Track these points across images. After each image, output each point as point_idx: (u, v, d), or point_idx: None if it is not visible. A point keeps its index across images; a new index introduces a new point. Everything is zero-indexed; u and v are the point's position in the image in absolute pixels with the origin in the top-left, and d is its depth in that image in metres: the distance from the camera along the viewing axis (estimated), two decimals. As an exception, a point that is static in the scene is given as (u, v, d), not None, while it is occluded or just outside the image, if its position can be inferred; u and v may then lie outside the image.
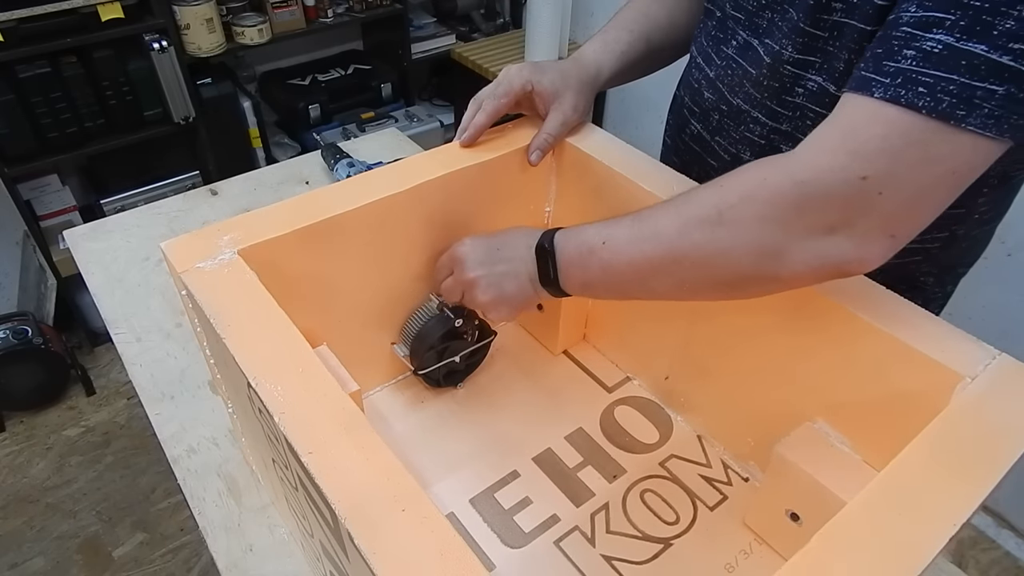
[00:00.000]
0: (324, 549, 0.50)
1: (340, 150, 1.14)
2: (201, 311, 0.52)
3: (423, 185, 0.65)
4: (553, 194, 0.77)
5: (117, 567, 1.51)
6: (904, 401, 0.51)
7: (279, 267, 0.58)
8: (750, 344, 0.63)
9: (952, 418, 0.45)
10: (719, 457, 0.72)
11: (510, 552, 0.64)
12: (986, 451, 0.43)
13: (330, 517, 0.41)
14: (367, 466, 0.41)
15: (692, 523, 0.66)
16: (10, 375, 1.73)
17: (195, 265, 0.54)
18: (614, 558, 0.63)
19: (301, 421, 0.43)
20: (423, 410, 0.76)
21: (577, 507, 0.67)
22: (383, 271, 0.69)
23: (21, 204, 1.72)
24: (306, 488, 0.45)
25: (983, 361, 0.48)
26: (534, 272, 0.61)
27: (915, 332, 0.51)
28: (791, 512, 0.59)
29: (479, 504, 0.68)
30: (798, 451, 0.57)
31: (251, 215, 0.60)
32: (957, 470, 0.42)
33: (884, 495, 0.41)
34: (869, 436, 0.56)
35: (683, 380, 0.73)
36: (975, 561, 1.57)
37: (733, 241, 0.49)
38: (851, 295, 0.53)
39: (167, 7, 1.70)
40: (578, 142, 0.71)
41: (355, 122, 2.12)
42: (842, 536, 0.39)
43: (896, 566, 0.37)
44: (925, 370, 0.49)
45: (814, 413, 0.59)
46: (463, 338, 0.74)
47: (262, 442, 0.56)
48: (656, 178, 0.66)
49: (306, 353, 0.47)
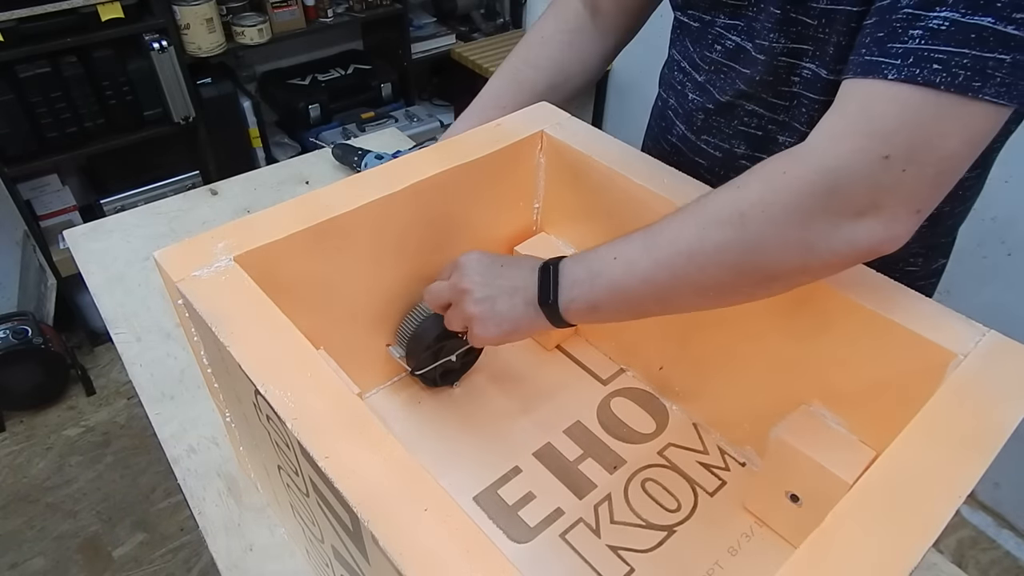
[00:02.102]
0: (337, 553, 0.49)
1: (355, 148, 1.14)
2: (200, 320, 0.51)
3: (417, 184, 0.65)
4: (540, 191, 0.77)
5: (117, 567, 1.51)
6: (898, 380, 0.52)
7: (275, 272, 0.58)
8: (742, 330, 0.63)
9: (948, 396, 0.46)
10: (715, 443, 0.73)
11: (517, 547, 0.64)
12: (984, 425, 0.44)
13: (349, 521, 0.41)
14: (385, 467, 0.41)
15: (693, 509, 0.67)
16: (10, 375, 1.73)
17: (191, 274, 0.53)
18: (620, 548, 0.64)
19: (314, 426, 0.43)
20: (420, 410, 0.76)
21: (580, 499, 0.68)
22: (378, 273, 0.69)
23: (21, 204, 1.72)
24: (320, 493, 0.44)
25: (973, 338, 0.49)
26: (534, 293, 0.57)
27: (906, 312, 0.51)
28: (791, 494, 0.60)
29: (483, 501, 0.68)
30: (796, 434, 0.57)
31: (244, 221, 0.59)
32: (957, 445, 0.43)
33: (889, 475, 0.41)
34: (865, 416, 0.56)
35: (677, 369, 0.74)
36: (975, 561, 1.57)
37: (759, 237, 0.48)
38: (841, 278, 0.53)
39: (167, 7, 1.70)
40: (567, 139, 0.71)
41: (355, 122, 2.12)
42: (852, 517, 0.40)
43: (907, 541, 0.38)
44: (918, 349, 0.50)
45: (808, 396, 0.60)
46: (458, 337, 0.74)
47: (266, 450, 0.55)
48: (648, 173, 0.66)
49: (312, 357, 0.47)
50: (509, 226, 0.78)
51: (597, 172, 0.69)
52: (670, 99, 0.76)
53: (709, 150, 0.71)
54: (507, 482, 0.69)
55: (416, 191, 0.65)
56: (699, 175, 0.70)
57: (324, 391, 0.45)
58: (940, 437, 0.43)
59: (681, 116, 0.73)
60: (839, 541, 0.39)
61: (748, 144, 0.68)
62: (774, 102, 0.63)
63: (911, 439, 0.43)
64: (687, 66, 0.71)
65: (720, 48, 0.66)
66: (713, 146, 0.71)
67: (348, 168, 1.14)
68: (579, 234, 0.76)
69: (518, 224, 0.79)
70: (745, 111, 0.66)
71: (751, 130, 0.67)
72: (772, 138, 0.66)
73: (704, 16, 0.66)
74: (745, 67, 0.64)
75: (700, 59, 0.69)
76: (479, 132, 0.71)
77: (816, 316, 0.56)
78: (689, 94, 0.71)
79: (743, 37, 0.63)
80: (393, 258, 0.69)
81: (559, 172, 0.74)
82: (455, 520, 0.38)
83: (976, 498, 1.65)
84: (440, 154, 0.68)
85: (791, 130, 0.64)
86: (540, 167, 0.75)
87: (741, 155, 0.69)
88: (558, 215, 0.78)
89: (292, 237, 0.59)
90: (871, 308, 0.52)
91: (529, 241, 0.79)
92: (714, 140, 0.70)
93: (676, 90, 0.74)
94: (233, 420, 0.64)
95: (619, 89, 2.32)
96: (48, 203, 1.85)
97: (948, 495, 0.40)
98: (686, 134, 0.73)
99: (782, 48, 0.60)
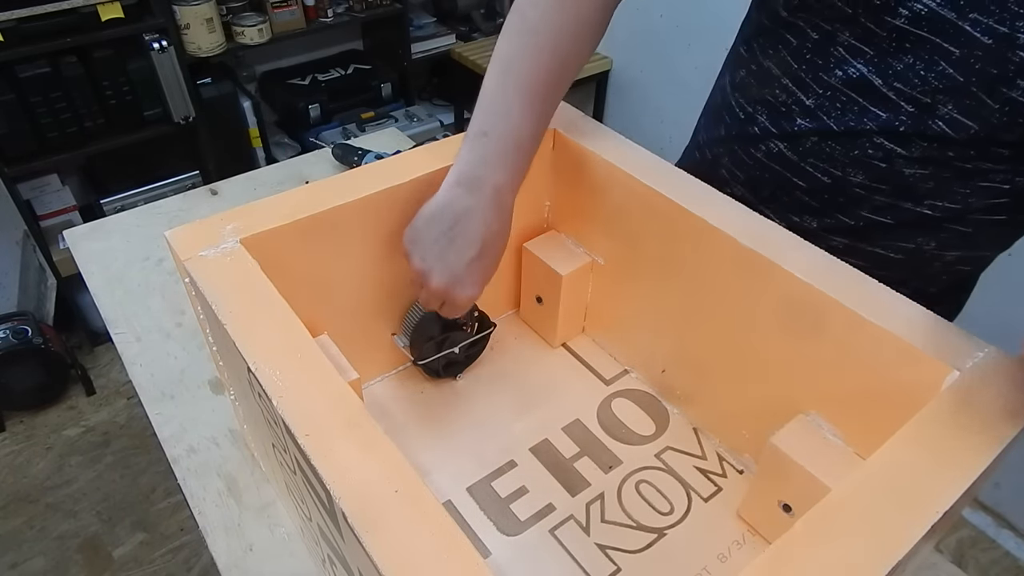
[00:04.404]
0: (322, 532, 0.51)
1: (355, 147, 1.14)
2: (203, 298, 0.53)
3: (423, 177, 0.65)
4: (551, 189, 0.77)
5: (117, 567, 1.51)
6: (895, 393, 0.52)
7: (282, 257, 0.59)
8: (745, 338, 0.63)
9: (939, 408, 0.46)
10: (715, 450, 0.72)
11: (506, 539, 0.65)
12: (972, 440, 0.43)
13: (326, 498, 0.42)
14: (362, 450, 0.42)
15: (686, 514, 0.67)
16: (10, 375, 1.73)
17: (198, 253, 0.55)
18: (608, 547, 0.64)
19: (298, 404, 0.44)
20: (423, 400, 0.77)
21: (572, 497, 0.68)
22: (384, 262, 0.69)
23: (21, 204, 1.72)
24: (303, 471, 0.45)
25: (973, 354, 0.49)
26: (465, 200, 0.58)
27: (907, 325, 0.51)
28: (783, 503, 0.59)
29: (476, 492, 0.68)
30: (790, 443, 0.57)
31: (255, 205, 0.61)
32: (942, 458, 0.42)
33: (869, 482, 0.41)
34: (861, 428, 0.56)
35: (680, 373, 0.74)
36: (975, 561, 1.57)
37: None
38: (844, 290, 0.54)
39: (167, 7, 1.70)
40: (578, 138, 0.71)
41: (355, 122, 2.13)
42: (826, 521, 0.39)
43: (878, 551, 0.38)
44: (915, 362, 0.50)
45: (808, 406, 0.59)
46: (462, 329, 0.74)
47: (262, 428, 0.56)
48: (658, 174, 0.66)
49: (305, 340, 0.48)
50: (520, 222, 0.78)
51: (607, 172, 0.69)
52: (759, 115, 0.67)
53: (816, 174, 0.64)
54: (501, 475, 0.69)
55: (424, 183, 0.65)
56: (794, 196, 0.66)
57: (313, 373, 0.46)
58: (925, 449, 0.43)
59: (777, 136, 0.65)
60: (807, 545, 0.38)
61: (868, 174, 0.61)
62: (914, 140, 0.57)
63: (895, 449, 0.43)
64: (791, 84, 0.63)
65: (840, 74, 0.59)
66: (822, 171, 0.63)
67: (348, 168, 1.14)
68: (589, 233, 0.76)
69: (529, 221, 0.79)
70: (872, 144, 0.59)
71: (875, 162, 0.60)
72: (898, 171, 0.59)
73: (824, 25, 0.58)
74: (880, 108, 0.57)
75: (813, 80, 0.61)
76: None
77: (815, 325, 0.56)
78: (797, 119, 0.63)
79: (875, 72, 0.57)
80: (401, 249, 0.69)
81: (570, 171, 0.74)
82: (425, 503, 0.39)
83: (976, 498, 1.65)
84: (449, 148, 0.68)
85: (923, 162, 0.58)
86: (551, 164, 0.75)
87: (857, 184, 0.62)
88: (569, 214, 0.78)
89: (299, 223, 0.60)
90: (872, 320, 0.52)
91: (539, 238, 0.79)
92: (823, 165, 0.63)
93: (777, 111, 0.64)
94: (237, 398, 0.65)
95: (619, 89, 2.32)
96: (48, 203, 1.85)
97: (925, 508, 0.40)
98: (785, 153, 0.65)
99: (968, 134, 0.54)
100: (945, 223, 0.62)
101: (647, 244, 0.68)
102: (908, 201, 0.61)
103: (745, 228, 0.59)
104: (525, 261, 0.80)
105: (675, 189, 0.64)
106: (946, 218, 0.62)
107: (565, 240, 0.79)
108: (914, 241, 0.64)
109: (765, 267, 0.57)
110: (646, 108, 2.24)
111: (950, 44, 0.53)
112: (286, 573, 0.63)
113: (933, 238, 0.64)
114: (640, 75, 2.22)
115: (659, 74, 2.14)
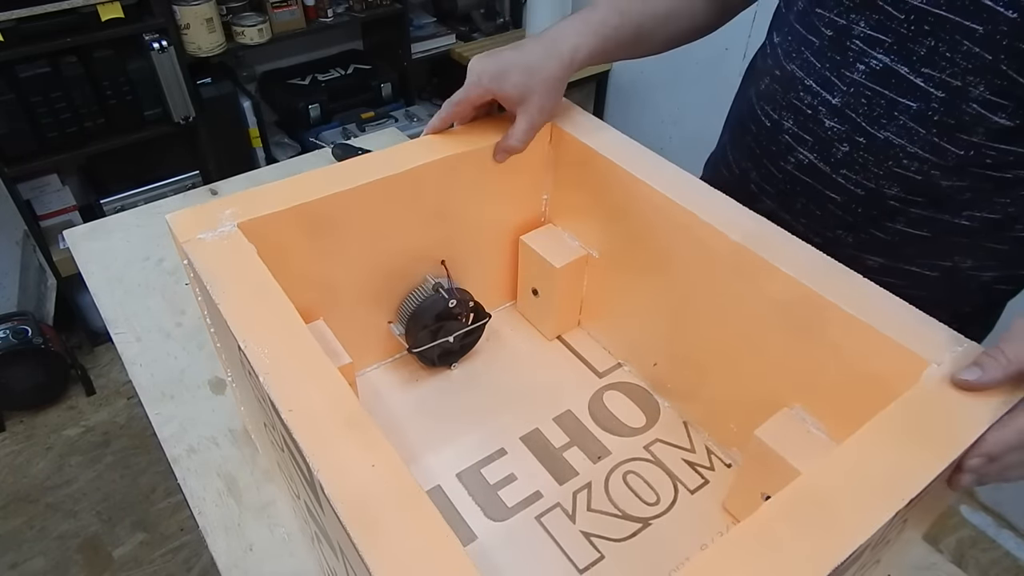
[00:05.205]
0: (308, 509, 0.52)
1: (355, 147, 1.15)
2: (200, 279, 0.55)
3: (420, 168, 0.66)
4: (549, 183, 0.78)
5: (117, 567, 1.51)
6: (876, 386, 0.52)
7: (279, 242, 0.61)
8: (735, 333, 0.64)
9: (914, 399, 0.46)
10: (703, 443, 0.73)
11: (492, 525, 0.65)
12: (942, 431, 0.44)
13: (307, 472, 0.43)
14: (344, 426, 0.43)
15: (672, 505, 0.67)
16: (10, 375, 1.73)
17: (197, 236, 0.57)
18: (593, 534, 0.65)
19: (284, 382, 0.46)
20: (417, 388, 0.78)
21: (560, 485, 0.69)
22: (381, 251, 0.70)
23: (21, 204, 1.72)
24: (289, 447, 0.47)
25: (951, 348, 0.49)
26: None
27: (888, 319, 0.52)
28: (766, 495, 0.60)
29: (465, 478, 0.69)
30: (774, 435, 0.58)
31: (254, 191, 0.62)
32: (912, 447, 0.43)
33: (837, 467, 0.42)
34: (843, 420, 0.57)
35: (671, 367, 0.74)
36: (975, 561, 1.57)
37: None
38: (831, 286, 0.54)
39: (167, 7, 1.70)
40: (576, 133, 0.71)
41: (355, 122, 2.12)
42: (792, 503, 0.40)
43: (840, 534, 0.38)
44: (895, 356, 0.50)
45: (793, 399, 0.60)
46: (458, 319, 0.75)
47: (255, 406, 0.58)
48: (655, 171, 0.66)
49: (295, 321, 0.50)
50: (517, 215, 0.79)
51: (604, 167, 0.69)
52: (785, 121, 0.65)
53: (849, 186, 0.62)
54: (491, 462, 0.70)
55: (422, 173, 0.66)
56: (827, 209, 0.64)
57: (300, 353, 0.48)
58: (896, 438, 0.43)
59: (809, 144, 0.63)
60: (771, 527, 0.39)
61: (903, 188, 0.59)
62: (948, 148, 0.56)
63: (866, 437, 0.43)
64: (814, 84, 0.62)
65: (862, 68, 0.57)
66: (855, 183, 0.62)
67: (348, 168, 1.15)
68: (587, 228, 0.76)
69: (526, 214, 0.80)
70: (907, 153, 0.57)
71: (910, 174, 0.58)
72: (935, 184, 0.58)
73: (838, 20, 0.58)
74: (907, 98, 0.56)
75: (837, 77, 0.60)
76: (489, 120, 0.72)
77: (804, 322, 0.56)
78: (824, 120, 0.61)
79: (898, 59, 0.55)
80: (397, 238, 0.70)
81: (568, 165, 0.74)
82: (398, 477, 0.40)
83: (976, 498, 1.65)
84: (449, 139, 0.69)
85: (959, 175, 0.57)
86: (549, 159, 0.75)
87: (891, 196, 0.61)
88: (567, 207, 0.78)
89: (296, 209, 0.61)
90: (853, 313, 0.52)
91: (536, 231, 0.79)
92: (856, 177, 0.61)
93: (804, 113, 0.63)
94: (234, 379, 0.66)
95: (619, 89, 2.32)
96: (48, 203, 1.85)
97: (892, 495, 0.40)
98: (816, 164, 0.64)
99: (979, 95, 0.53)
100: (982, 239, 0.61)
101: (642, 239, 0.68)
102: (945, 213, 0.60)
103: (737, 225, 0.60)
104: (522, 254, 0.80)
105: (669, 184, 0.64)
106: (984, 230, 0.60)
107: (562, 234, 0.79)
108: (950, 259, 0.63)
109: (755, 263, 0.57)
110: (646, 108, 2.24)
111: (971, 21, 0.51)
112: (286, 573, 0.63)
113: (970, 255, 0.63)
114: (640, 75, 2.22)
115: (659, 74, 2.14)
